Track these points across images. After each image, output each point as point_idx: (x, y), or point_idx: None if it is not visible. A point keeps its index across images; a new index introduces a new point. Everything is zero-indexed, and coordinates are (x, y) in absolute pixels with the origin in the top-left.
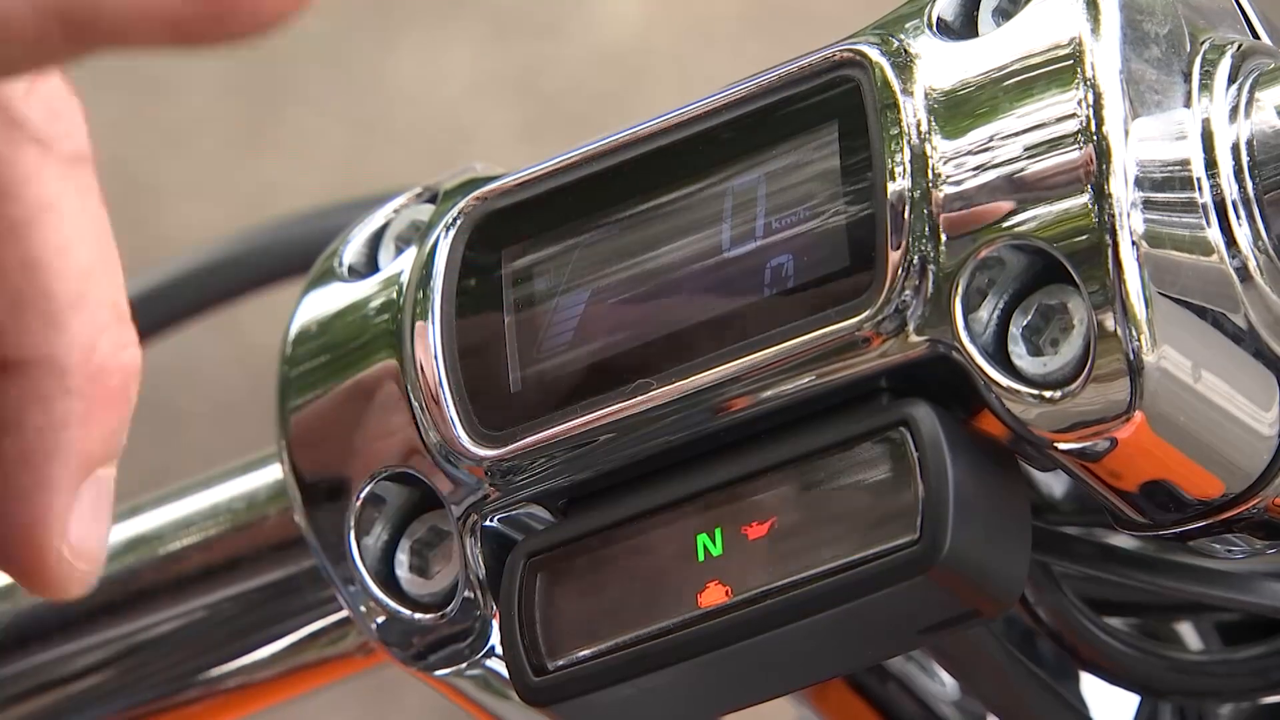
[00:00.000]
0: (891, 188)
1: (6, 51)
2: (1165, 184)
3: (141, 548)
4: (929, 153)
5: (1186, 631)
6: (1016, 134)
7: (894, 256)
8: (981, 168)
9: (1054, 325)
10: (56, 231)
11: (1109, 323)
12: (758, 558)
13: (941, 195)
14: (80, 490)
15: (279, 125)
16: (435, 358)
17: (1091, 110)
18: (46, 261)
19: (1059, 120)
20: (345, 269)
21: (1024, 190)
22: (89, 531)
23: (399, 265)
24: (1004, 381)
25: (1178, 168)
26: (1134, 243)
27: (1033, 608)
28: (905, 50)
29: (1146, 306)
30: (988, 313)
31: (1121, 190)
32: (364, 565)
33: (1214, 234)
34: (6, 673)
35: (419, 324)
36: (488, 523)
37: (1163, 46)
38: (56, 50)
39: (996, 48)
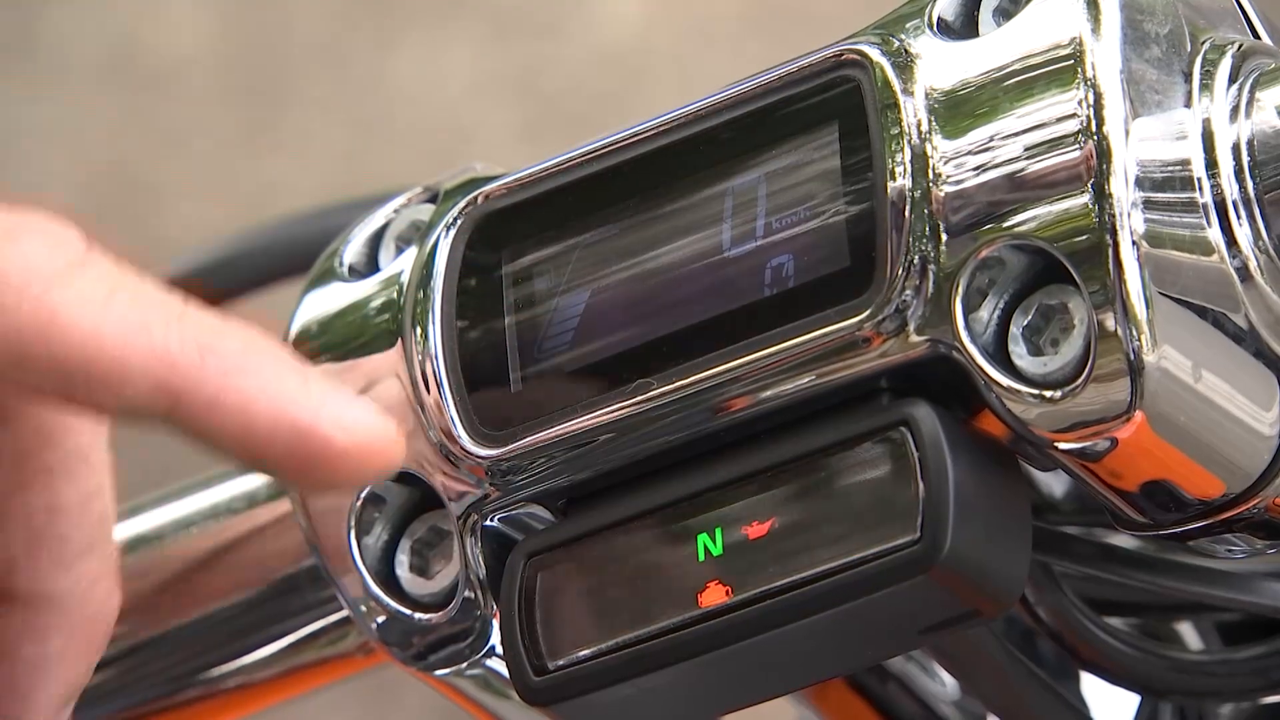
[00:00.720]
0: (892, 187)
1: (105, 394)
2: (1166, 184)
3: (141, 548)
4: (929, 152)
5: (1186, 631)
6: (1017, 134)
7: (894, 256)
8: (982, 167)
9: (1054, 325)
10: (86, 481)
11: (1109, 323)
12: (758, 558)
13: (942, 195)
14: None
15: (279, 125)
16: (435, 358)
17: (1092, 110)
18: (70, 509)
19: (1059, 120)
20: (346, 269)
21: (1024, 190)
22: None
23: (399, 265)
24: (1004, 381)
25: (1178, 168)
26: (1134, 243)
27: (1033, 608)
28: (906, 50)
29: (1147, 306)
30: (988, 313)
31: (1122, 190)
32: (364, 565)
33: (1214, 234)
34: None
35: (419, 324)
36: (488, 522)
37: (1163, 46)
38: (146, 416)
39: (997, 48)
